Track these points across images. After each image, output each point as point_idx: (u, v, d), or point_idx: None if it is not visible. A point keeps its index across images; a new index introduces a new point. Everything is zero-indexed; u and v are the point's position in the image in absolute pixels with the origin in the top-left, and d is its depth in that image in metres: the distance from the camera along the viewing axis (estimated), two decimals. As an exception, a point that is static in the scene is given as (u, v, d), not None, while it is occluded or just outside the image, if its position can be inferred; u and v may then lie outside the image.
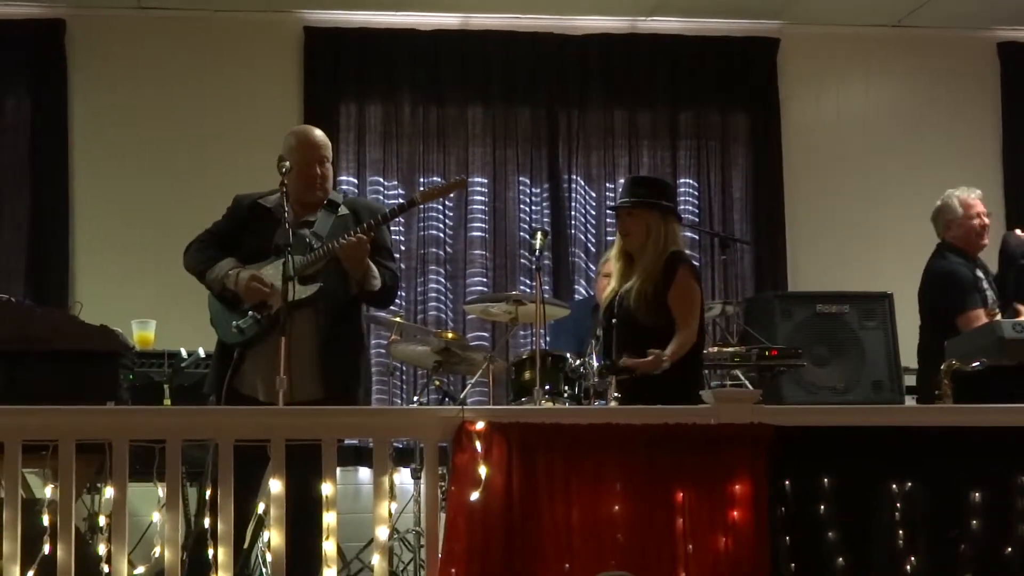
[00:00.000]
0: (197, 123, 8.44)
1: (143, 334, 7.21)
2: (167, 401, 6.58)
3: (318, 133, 5.58)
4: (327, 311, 5.37)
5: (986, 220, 6.87)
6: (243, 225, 5.52)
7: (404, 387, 8.47)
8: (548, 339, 7.42)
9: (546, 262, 8.31)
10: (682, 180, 8.87)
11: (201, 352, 6.73)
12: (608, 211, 8.54)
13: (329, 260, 5.36)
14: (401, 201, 5.90)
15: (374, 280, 5.40)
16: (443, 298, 8.61)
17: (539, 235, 6.26)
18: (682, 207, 8.57)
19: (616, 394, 5.55)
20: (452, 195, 8.49)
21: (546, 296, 7.00)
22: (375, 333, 8.40)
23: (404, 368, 8.42)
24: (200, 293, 5.60)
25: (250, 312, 5.34)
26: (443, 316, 8.58)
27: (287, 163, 5.28)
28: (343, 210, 5.58)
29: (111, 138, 8.38)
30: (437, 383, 7.39)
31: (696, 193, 8.90)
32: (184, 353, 6.83)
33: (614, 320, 5.66)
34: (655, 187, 5.83)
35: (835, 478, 4.49)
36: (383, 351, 8.21)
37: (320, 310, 5.36)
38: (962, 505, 4.53)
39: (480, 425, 4.39)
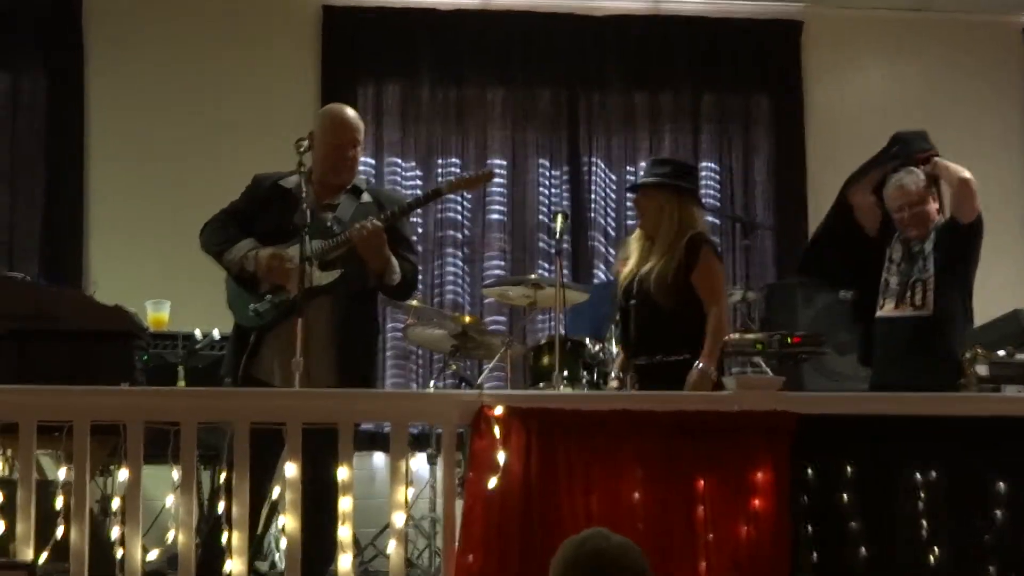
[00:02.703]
0: (213, 103, 8.43)
1: (157, 315, 7.21)
2: (181, 383, 6.58)
3: (352, 114, 5.55)
4: (345, 299, 5.36)
5: (907, 214, 5.91)
6: (262, 206, 5.50)
7: (420, 371, 8.47)
8: (567, 324, 7.42)
9: (565, 246, 8.31)
10: (704, 164, 8.84)
11: (216, 334, 6.73)
12: (628, 195, 8.51)
13: (351, 247, 5.33)
14: (425, 191, 5.86)
15: (394, 274, 5.38)
16: (460, 281, 8.60)
17: (559, 218, 6.25)
18: (703, 191, 8.54)
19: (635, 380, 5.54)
20: (470, 176, 8.48)
21: (565, 280, 6.99)
22: (391, 316, 8.39)
23: (420, 352, 8.43)
24: (216, 274, 5.59)
25: (268, 296, 5.32)
26: (460, 300, 8.57)
27: (305, 142, 5.26)
28: (366, 197, 5.55)
29: (127, 118, 8.38)
30: (454, 368, 7.39)
31: (718, 177, 8.87)
32: (199, 335, 6.83)
33: (632, 301, 5.63)
34: (674, 168, 5.80)
35: (858, 466, 4.47)
36: (399, 335, 8.21)
37: (338, 297, 5.35)
38: (986, 495, 4.50)
39: (499, 410, 4.37)
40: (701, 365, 5.32)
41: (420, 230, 8.53)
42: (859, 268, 5.96)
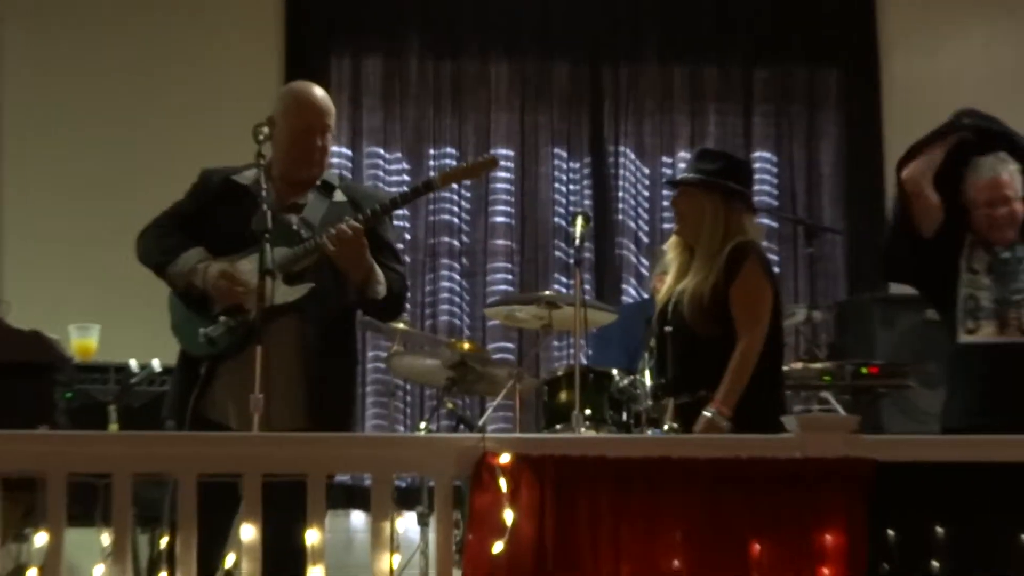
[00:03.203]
0: (153, 85, 8.49)
1: (84, 342, 7.22)
2: (113, 426, 6.57)
3: (321, 95, 5.55)
4: (317, 320, 5.35)
5: (1000, 211, 5.88)
6: (212, 207, 5.50)
7: (408, 411, 8.51)
8: (590, 351, 7.39)
9: (587, 255, 8.32)
10: (757, 154, 8.88)
11: (156, 365, 6.73)
12: (665, 190, 8.52)
13: (322, 255, 5.33)
14: (414, 184, 5.86)
15: (378, 285, 5.36)
16: (458, 299, 8.62)
17: (579, 221, 6.24)
18: (757, 187, 8.55)
19: (673, 423, 5.56)
20: (471, 174, 8.51)
21: (587, 297, 6.99)
22: (372, 343, 8.40)
23: (409, 387, 8.45)
24: (157, 292, 5.59)
25: (222, 317, 5.32)
26: (458, 322, 8.61)
27: (265, 129, 5.27)
28: (339, 195, 5.55)
29: (46, 102, 8.41)
30: (450, 406, 7.40)
31: (775, 170, 8.90)
32: (135, 366, 6.83)
33: (668, 328, 5.65)
34: (724, 164, 5.80)
35: (952, 527, 4.44)
36: (382, 366, 8.22)
37: (308, 318, 5.34)
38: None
39: (505, 458, 4.36)
40: (709, 412, 5.39)
41: (407, 236, 8.55)
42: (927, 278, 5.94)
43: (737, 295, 5.57)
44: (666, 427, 5.56)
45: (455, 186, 8.68)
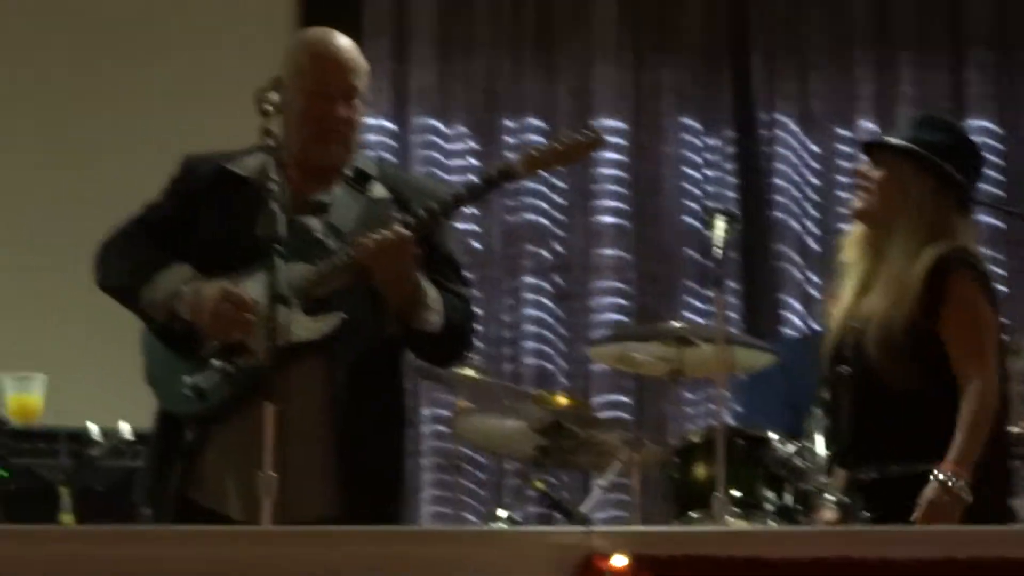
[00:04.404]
0: (119, 39, 8.55)
1: (23, 398, 7.30)
2: (67, 517, 6.62)
3: (347, 45, 5.60)
4: (349, 363, 5.39)
5: None
6: (199, 208, 5.54)
7: (481, 492, 8.51)
8: (737, 407, 7.37)
9: (733, 269, 8.30)
10: (973, 123, 8.82)
11: (125, 430, 6.77)
12: (844, 171, 8.52)
13: (355, 274, 5.35)
14: (486, 172, 5.87)
15: (431, 314, 5.38)
16: (549, 334, 8.65)
17: (720, 221, 6.24)
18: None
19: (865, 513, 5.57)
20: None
21: (734, 331, 6.95)
22: (428, 397, 8.42)
23: (480, 459, 8.46)
24: (124, 327, 5.62)
25: (216, 361, 5.33)
26: (550, 366, 8.65)
27: (274, 96, 5.29)
28: (378, 190, 5.59)
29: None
30: (539, 485, 7.40)
31: (1001, 146, 8.86)
32: (96, 432, 6.86)
33: (844, 367, 5.66)
34: (947, 138, 5.78)
35: None
36: (443, 429, 8.25)
37: (337, 362, 5.38)
38: None
39: (620, 561, 4.37)
40: (942, 476, 5.35)
41: (476, 244, 8.55)
42: None
43: (949, 325, 5.55)
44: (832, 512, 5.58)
45: (543, 174, 8.70)
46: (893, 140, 5.83)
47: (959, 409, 5.42)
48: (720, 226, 6.29)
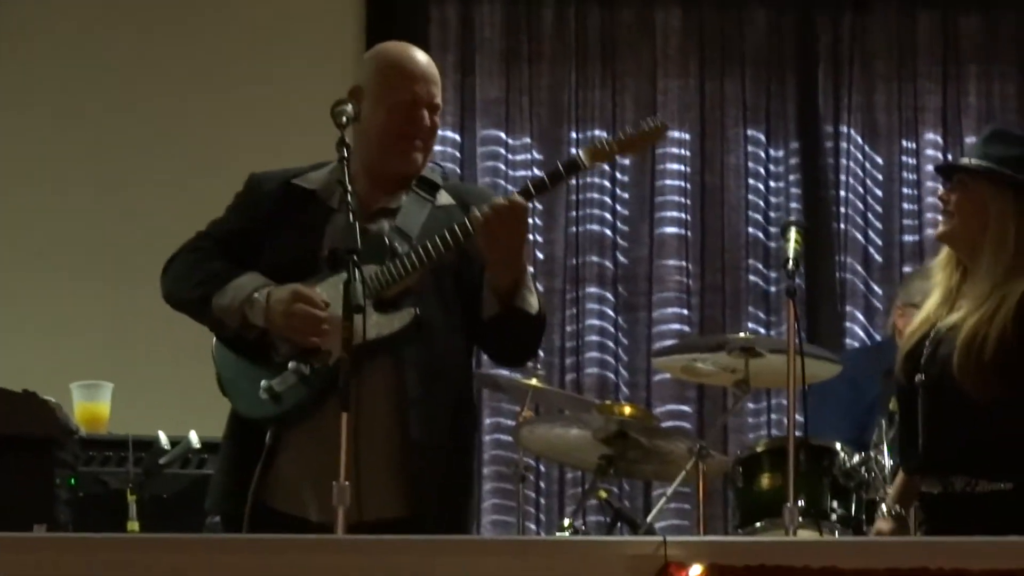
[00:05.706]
0: (180, 67, 8.63)
1: (91, 406, 7.30)
2: (134, 524, 6.64)
3: (423, 58, 5.60)
4: (419, 362, 5.38)
5: None
6: (267, 222, 5.56)
7: (543, 501, 8.51)
8: (802, 418, 7.37)
9: (799, 281, 8.29)
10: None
11: (194, 439, 6.78)
12: (908, 183, 8.51)
13: (425, 274, 5.37)
14: (551, 168, 5.87)
15: (531, 295, 5.39)
16: (613, 344, 8.65)
17: (792, 233, 6.24)
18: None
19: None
20: (629, 160, 8.53)
21: (802, 342, 6.97)
22: (490, 406, 8.43)
23: (543, 468, 8.46)
24: (191, 337, 5.64)
25: (293, 363, 5.35)
26: (613, 376, 8.65)
27: (349, 107, 5.31)
28: (444, 198, 5.61)
29: (35, 99, 8.55)
30: (603, 495, 7.40)
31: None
32: (164, 441, 6.87)
33: (919, 377, 5.63)
34: (1014, 149, 5.76)
35: None
36: (506, 438, 8.25)
37: (407, 360, 5.37)
38: None
39: (696, 570, 4.37)
40: None
41: (539, 254, 8.56)
42: None
43: None
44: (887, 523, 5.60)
45: (605, 180, 8.71)
46: (964, 161, 5.82)
47: None
48: (793, 238, 6.30)
